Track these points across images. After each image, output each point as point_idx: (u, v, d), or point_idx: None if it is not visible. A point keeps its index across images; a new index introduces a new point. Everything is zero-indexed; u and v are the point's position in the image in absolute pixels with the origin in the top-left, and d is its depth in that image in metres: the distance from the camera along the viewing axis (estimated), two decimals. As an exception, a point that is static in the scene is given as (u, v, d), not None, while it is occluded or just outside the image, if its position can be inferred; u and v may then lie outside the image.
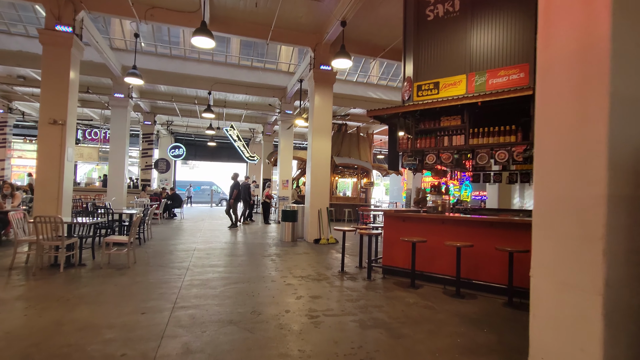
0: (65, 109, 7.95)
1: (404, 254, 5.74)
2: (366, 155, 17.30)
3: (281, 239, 9.56)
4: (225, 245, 8.45)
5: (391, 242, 5.92)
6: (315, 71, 9.57)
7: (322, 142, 9.65)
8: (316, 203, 9.52)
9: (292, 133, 14.98)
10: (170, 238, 9.26)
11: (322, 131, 9.65)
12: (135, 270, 5.64)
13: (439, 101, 5.54)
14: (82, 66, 12.80)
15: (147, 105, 17.57)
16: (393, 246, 5.90)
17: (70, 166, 8.17)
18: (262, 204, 13.69)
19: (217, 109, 17.37)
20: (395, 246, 5.85)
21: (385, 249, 6.02)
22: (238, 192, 12.25)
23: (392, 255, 5.91)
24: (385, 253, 6.01)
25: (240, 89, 14.17)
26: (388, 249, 5.97)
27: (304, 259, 7.17)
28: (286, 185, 14.55)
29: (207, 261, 6.56)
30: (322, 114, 9.67)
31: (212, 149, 24.73)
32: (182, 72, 13.10)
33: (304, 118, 12.23)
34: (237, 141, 17.67)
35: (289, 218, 9.45)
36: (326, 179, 9.68)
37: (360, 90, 14.94)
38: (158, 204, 12.67)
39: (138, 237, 8.10)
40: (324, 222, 9.49)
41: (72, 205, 11.09)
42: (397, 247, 5.83)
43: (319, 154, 9.60)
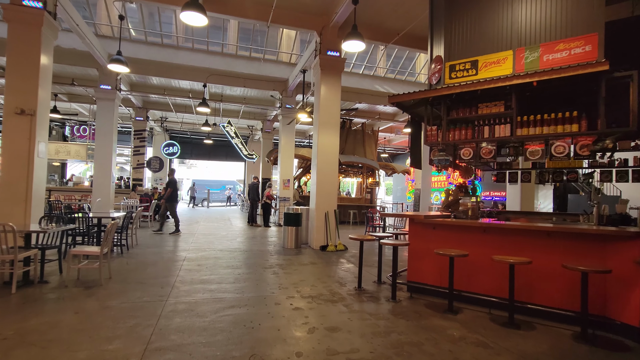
0: (35, 97, 6.90)
1: (436, 269, 4.73)
2: (372, 153, 16.30)
3: (283, 245, 8.54)
4: (220, 253, 7.42)
5: (419, 254, 4.91)
6: (322, 57, 8.54)
7: (329, 137, 8.63)
8: (322, 205, 8.50)
9: (293, 129, 13.95)
10: (159, 244, 8.22)
11: (329, 125, 8.63)
12: (107, 290, 4.60)
13: (481, 82, 4.52)
14: (65, 55, 11.82)
15: (139, 99, 16.51)
16: (421, 259, 4.88)
17: (41, 163, 7.11)
18: (263, 205, 12.67)
19: (214, 103, 16.31)
20: (424, 259, 4.84)
21: (412, 261, 5.01)
22: (173, 191, 10.18)
23: (419, 270, 4.90)
24: (412, 267, 5.00)
25: (238, 81, 13.12)
26: (415, 262, 4.96)
27: (311, 271, 6.15)
28: (287, 185, 13.52)
29: (198, 275, 5.53)
30: (329, 106, 8.65)
31: (209, 147, 23.69)
32: (174, 62, 12.05)
33: (307, 112, 11.20)
34: (235, 138, 16.63)
35: (292, 222, 8.42)
36: (334, 179, 8.66)
37: (366, 84, 13.92)
38: (148, 206, 11.62)
39: (119, 245, 7.07)
40: (331, 227, 8.47)
41: (53, 208, 10.08)
42: (426, 260, 4.82)
43: (326, 151, 8.58)
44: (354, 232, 12.07)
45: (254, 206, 12.88)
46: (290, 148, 13.73)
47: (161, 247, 7.84)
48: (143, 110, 17.32)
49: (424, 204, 15.18)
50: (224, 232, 10.85)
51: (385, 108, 16.44)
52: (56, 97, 15.26)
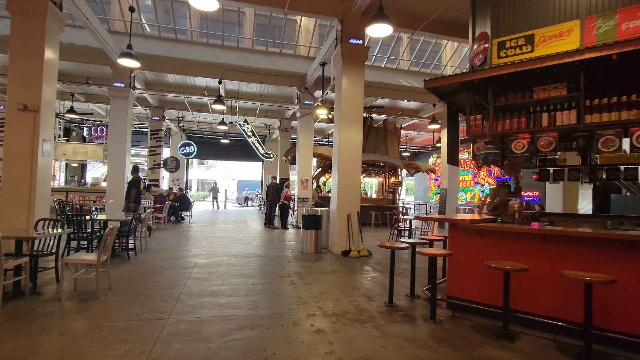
0: (38, 92, 6.50)
1: (483, 283, 3.97)
2: (394, 152, 15.48)
3: (302, 250, 7.89)
4: (233, 259, 6.84)
5: (461, 265, 4.16)
6: (343, 46, 7.86)
7: (352, 133, 7.93)
8: (344, 207, 7.81)
9: (312, 127, 13.30)
10: (169, 248, 7.72)
11: (351, 120, 7.93)
12: (104, 303, 4.06)
13: (543, 58, 3.71)
14: (78, 52, 11.56)
15: (155, 98, 16.25)
16: (464, 271, 4.13)
17: (46, 163, 6.71)
18: (280, 206, 12.08)
19: (230, 101, 15.88)
20: (468, 271, 4.08)
21: (452, 273, 4.25)
22: (137, 191, 8.75)
23: (462, 284, 4.14)
24: (452, 280, 4.24)
25: (254, 77, 12.60)
26: (456, 275, 4.21)
27: (333, 282, 5.47)
28: (306, 185, 12.89)
29: (207, 286, 4.94)
30: (351, 99, 7.95)
31: (226, 147, 23.38)
32: (188, 58, 11.62)
33: (326, 108, 10.53)
34: (252, 137, 16.14)
35: (311, 225, 7.77)
36: (356, 178, 7.95)
37: (389, 77, 13.14)
38: (161, 207, 11.22)
39: (126, 249, 6.58)
40: (354, 230, 7.76)
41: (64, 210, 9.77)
42: (470, 272, 4.06)
43: (348, 148, 7.89)
44: (376, 234, 11.31)
45: (272, 207, 12.30)
46: (309, 146, 13.10)
47: (171, 252, 7.33)
48: (159, 109, 17.07)
49: (451, 205, 14.26)
50: (239, 235, 10.31)
51: (409, 104, 15.60)
52: (73, 97, 15.17)
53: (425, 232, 9.14)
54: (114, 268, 5.76)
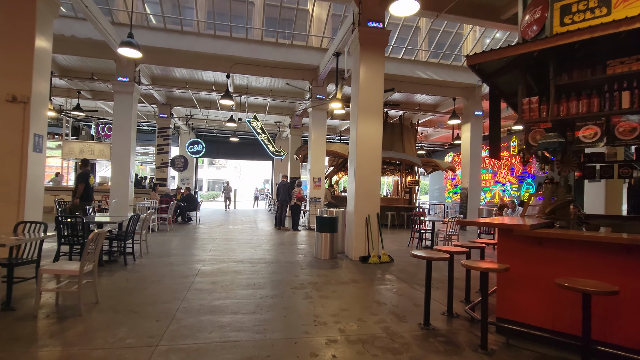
0: (29, 82, 5.93)
1: (546, 303, 3.20)
2: (411, 149, 14.65)
3: (316, 254, 7.18)
4: (241, 265, 6.17)
5: (516, 280, 3.39)
6: (362, 30, 7.12)
7: (371, 127, 7.19)
8: (363, 208, 7.07)
9: (324, 123, 12.58)
10: (172, 252, 7.10)
11: (370, 112, 7.19)
12: (85, 323, 3.42)
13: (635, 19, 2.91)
14: (81, 45, 10.99)
15: (162, 95, 15.75)
16: (520, 287, 3.36)
17: (38, 159, 6.15)
18: (292, 207, 11.40)
19: (239, 97, 15.28)
20: (525, 288, 3.31)
21: (504, 291, 3.48)
22: (86, 186, 7.62)
23: (517, 303, 3.37)
24: (505, 298, 3.47)
25: (264, 70, 11.94)
26: (509, 292, 3.44)
27: (354, 294, 4.75)
28: (318, 185, 12.18)
29: (209, 299, 4.27)
30: (370, 88, 7.21)
31: (236, 146, 22.82)
32: (195, 50, 11.02)
33: (341, 101, 9.80)
34: (261, 134, 15.50)
35: (326, 228, 7.05)
36: (376, 176, 7.21)
37: (406, 69, 12.35)
38: (166, 207, 10.64)
39: (123, 254, 5.96)
40: (373, 234, 7.02)
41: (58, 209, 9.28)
42: (528, 289, 3.29)
43: (367, 143, 7.15)
44: (393, 237, 10.54)
45: (283, 208, 11.63)
46: (322, 143, 12.38)
47: (173, 257, 6.69)
48: (167, 106, 16.58)
49: (473, 206, 13.39)
50: (248, 237, 9.66)
51: (426, 98, 14.76)
52: (79, 94, 14.75)
53: (449, 235, 8.34)
54: (107, 276, 5.14)
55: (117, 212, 10.39)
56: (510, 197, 18.29)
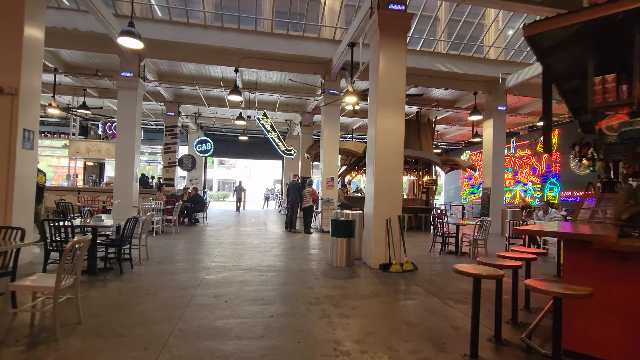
0: (16, 73, 5.44)
1: (634, 335, 2.49)
2: (429, 147, 13.90)
3: (331, 261, 6.52)
4: (248, 274, 5.55)
5: (592, 305, 2.68)
6: (381, 14, 6.44)
7: (392, 121, 6.50)
8: (383, 210, 6.39)
9: (337, 119, 11.92)
10: (174, 258, 6.52)
11: (391, 104, 6.51)
12: (57, 352, 2.82)
13: None
14: (83, 39, 10.37)
15: (170, 93, 15.28)
16: (598, 315, 2.65)
17: (28, 157, 5.64)
18: (305, 209, 10.76)
19: (248, 94, 14.72)
20: (607, 315, 2.61)
21: (574, 316, 2.78)
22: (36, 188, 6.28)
23: (593, 334, 2.67)
24: (575, 326, 2.77)
25: (274, 64, 11.34)
26: (581, 319, 2.73)
27: (379, 312, 4.08)
28: (331, 185, 11.53)
29: (210, 318, 3.65)
30: (391, 79, 6.53)
31: (245, 145, 22.31)
32: (202, 43, 10.47)
33: (356, 95, 9.13)
34: (271, 132, 14.92)
35: (342, 232, 6.39)
36: (397, 175, 6.52)
37: (425, 62, 11.60)
38: (171, 208, 10.12)
39: (118, 260, 5.39)
40: (395, 239, 6.33)
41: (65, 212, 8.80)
42: (611, 316, 2.59)
43: (388, 139, 6.47)
44: (411, 240, 9.80)
45: (294, 209, 11.00)
46: (335, 141, 11.72)
47: (175, 264, 6.11)
48: (174, 104, 16.12)
49: (496, 207, 12.56)
50: (257, 240, 9.06)
51: (445, 93, 13.99)
52: (85, 92, 14.38)
53: (477, 239, 7.59)
54: (100, 287, 4.58)
55: (120, 213, 9.91)
56: (532, 197, 17.36)
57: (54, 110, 12.25)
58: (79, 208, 10.00)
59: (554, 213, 8.50)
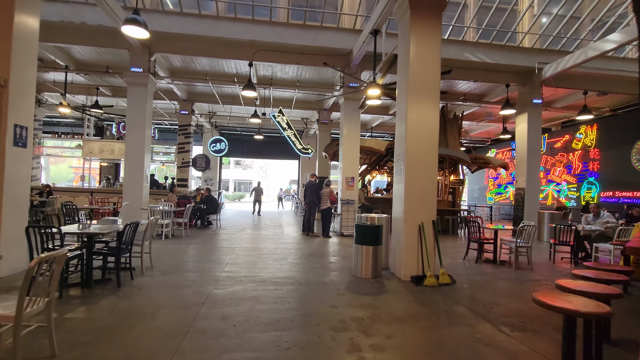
0: (6, 62, 4.91)
1: None
2: (455, 144, 12.94)
3: (354, 272, 5.76)
4: (261, 288, 4.86)
5: None
6: (412, -10, 5.65)
7: (426, 112, 5.70)
8: (415, 214, 5.60)
9: (358, 115, 11.14)
10: (181, 267, 5.89)
11: (424, 92, 5.71)
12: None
13: None
14: (92, 34, 9.78)
15: (183, 90, 14.83)
16: None
17: (20, 155, 5.11)
18: (323, 211, 10.03)
19: (263, 91, 14.13)
20: None
21: None
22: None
23: None
24: None
25: (290, 57, 10.65)
26: None
27: (420, 342, 3.30)
28: (351, 185, 10.76)
29: (213, 350, 2.96)
30: (424, 64, 5.73)
31: (261, 144, 21.79)
32: (214, 35, 9.86)
33: (380, 87, 8.33)
34: (287, 130, 14.25)
35: (368, 239, 5.62)
36: (431, 172, 5.72)
37: (452, 52, 10.66)
38: (182, 210, 9.56)
39: (116, 271, 4.78)
40: (429, 247, 5.53)
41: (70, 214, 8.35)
42: None
43: (421, 132, 5.67)
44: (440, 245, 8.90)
45: (311, 211, 10.29)
46: (355, 137, 10.94)
47: (181, 274, 5.48)
48: (188, 102, 15.67)
49: (531, 209, 11.52)
50: (272, 245, 8.39)
51: (472, 87, 13.02)
52: (98, 90, 14.08)
53: (520, 246, 6.69)
54: (91, 303, 3.97)
55: (129, 216, 9.42)
56: (566, 197, 16.12)
57: (65, 109, 11.93)
58: (90, 210, 9.59)
59: (606, 217, 7.51)
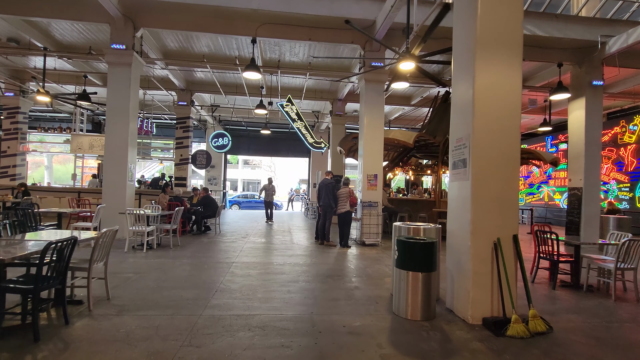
0: None
1: None
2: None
3: (396, 309, 3.98)
4: (260, 343, 3.13)
5: None
6: None
7: (504, 75, 3.90)
8: (487, 225, 3.79)
9: (382, 100, 9.34)
10: (151, 298, 4.19)
11: (501, 45, 3.90)
12: None
13: None
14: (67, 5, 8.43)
15: (180, 79, 13.22)
16: None
17: None
18: (340, 215, 8.29)
19: (269, 77, 12.45)
20: None
21: None
22: None
23: None
24: None
25: (301, 31, 8.94)
26: None
27: None
28: (374, 184, 8.98)
29: None
30: (500, 3, 3.93)
31: (268, 141, 20.16)
32: (210, 4, 8.17)
33: (415, 59, 6.52)
34: (297, 121, 12.53)
35: (417, 261, 3.83)
36: (512, 165, 3.90)
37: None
38: (171, 214, 7.91)
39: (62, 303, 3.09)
40: (509, 275, 3.72)
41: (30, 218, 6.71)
42: None
43: (496, 104, 3.87)
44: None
45: (327, 216, 8.54)
46: (378, 127, 9.16)
47: (146, 311, 3.78)
48: (187, 93, 14.07)
49: (590, 212, 9.58)
50: (280, 260, 6.67)
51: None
52: (86, 79, 12.55)
53: (623, 268, 4.84)
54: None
55: (107, 221, 7.81)
56: (616, 199, 14.06)
57: (44, 98, 10.39)
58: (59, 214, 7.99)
59: None
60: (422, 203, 11.29)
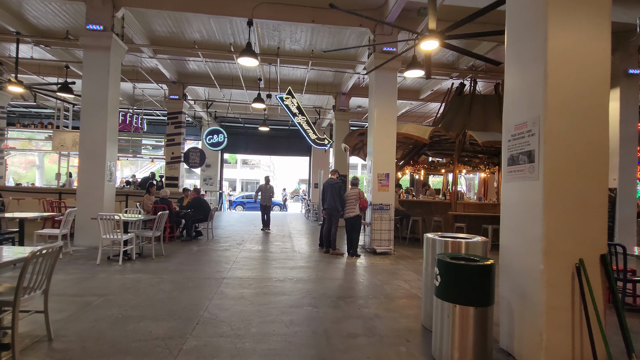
0: None
1: None
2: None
3: (437, 353, 2.95)
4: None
5: None
6: None
7: (588, 37, 2.87)
8: (565, 241, 2.76)
9: (394, 90, 8.31)
10: (106, 339, 3.16)
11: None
12: None
13: None
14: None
15: (172, 70, 12.19)
16: None
17: None
18: (349, 220, 7.26)
19: (267, 67, 11.44)
20: None
21: None
22: None
23: None
24: None
25: (303, 12, 7.94)
26: None
27: None
28: (385, 184, 7.96)
29: None
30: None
31: (267, 139, 19.15)
32: (198, -20, 7.17)
33: (439, 37, 5.49)
34: (298, 116, 11.50)
35: (469, 292, 2.79)
36: (601, 160, 2.88)
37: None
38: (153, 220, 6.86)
39: None
40: (599, 311, 2.70)
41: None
42: None
43: (580, 77, 2.84)
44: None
45: (332, 221, 7.50)
46: (390, 121, 8.14)
47: (106, 357, 2.75)
48: (179, 85, 13.03)
49: (625, 216, 8.58)
50: (280, 274, 5.64)
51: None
52: (67, 69, 11.48)
53: None
54: None
55: (81, 228, 6.77)
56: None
57: (17, 88, 9.33)
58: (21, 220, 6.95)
59: None
60: (435, 205, 10.25)
